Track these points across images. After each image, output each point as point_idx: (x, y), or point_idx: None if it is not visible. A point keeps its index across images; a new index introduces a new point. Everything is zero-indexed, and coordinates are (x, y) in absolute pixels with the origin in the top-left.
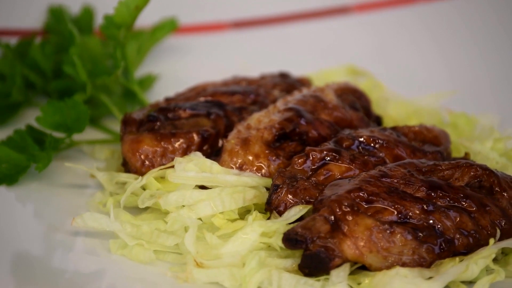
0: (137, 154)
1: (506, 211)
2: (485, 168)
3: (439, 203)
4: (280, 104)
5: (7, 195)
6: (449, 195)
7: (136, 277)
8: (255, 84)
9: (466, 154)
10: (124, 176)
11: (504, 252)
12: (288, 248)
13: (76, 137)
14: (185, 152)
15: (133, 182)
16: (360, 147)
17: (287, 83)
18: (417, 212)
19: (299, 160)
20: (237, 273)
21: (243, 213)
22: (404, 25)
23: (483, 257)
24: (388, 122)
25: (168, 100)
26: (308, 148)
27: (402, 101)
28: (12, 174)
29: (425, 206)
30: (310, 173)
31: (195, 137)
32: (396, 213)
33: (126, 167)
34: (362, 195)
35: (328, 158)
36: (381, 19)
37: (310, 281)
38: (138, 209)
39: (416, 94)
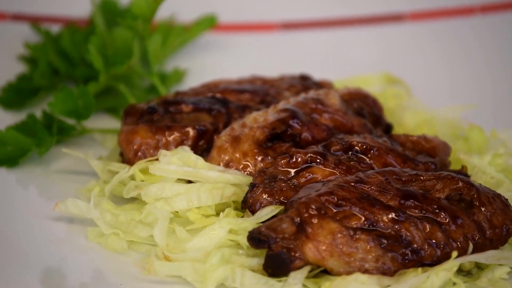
0: (131, 144)
1: (481, 226)
2: (466, 182)
3: (411, 213)
4: (280, 105)
5: (6, 177)
6: (422, 205)
7: (105, 267)
8: (270, 84)
9: (463, 167)
10: (115, 166)
11: (479, 266)
12: (252, 246)
13: (91, 125)
14: (179, 145)
15: (120, 172)
16: (349, 153)
17: (304, 85)
18: (386, 220)
19: (282, 161)
20: (200, 268)
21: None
22: (458, 36)
23: (444, 269)
24: (398, 131)
25: (178, 93)
26: (293, 149)
27: (421, 110)
28: (15, 157)
29: (394, 215)
30: (292, 174)
31: (191, 131)
32: (363, 219)
33: (122, 157)
34: (332, 199)
35: (313, 161)
36: (434, 29)
37: (272, 281)
38: (127, 199)
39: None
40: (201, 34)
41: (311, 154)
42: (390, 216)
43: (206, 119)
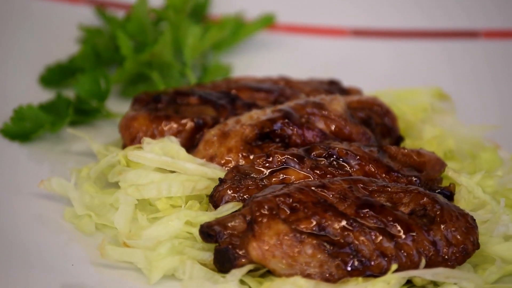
0: (128, 130)
1: (437, 243)
2: (432, 198)
3: (365, 222)
4: (281, 106)
5: (18, 151)
6: (377, 216)
7: (69, 247)
8: (289, 86)
9: (451, 185)
10: (111, 150)
11: (436, 283)
12: (203, 240)
13: (120, 110)
14: (175, 135)
15: (109, 156)
16: (331, 159)
17: (327, 90)
18: (336, 227)
19: (258, 160)
20: (150, 257)
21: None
22: None
23: (383, 281)
24: (413, 143)
25: (197, 85)
26: (272, 149)
27: (442, 126)
28: (29, 133)
29: (346, 223)
30: (266, 174)
31: (189, 123)
32: (314, 224)
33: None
34: (288, 201)
35: (289, 163)
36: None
37: (217, 276)
38: (114, 184)
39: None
40: (258, 32)
41: (288, 156)
42: (341, 223)
43: (210, 112)
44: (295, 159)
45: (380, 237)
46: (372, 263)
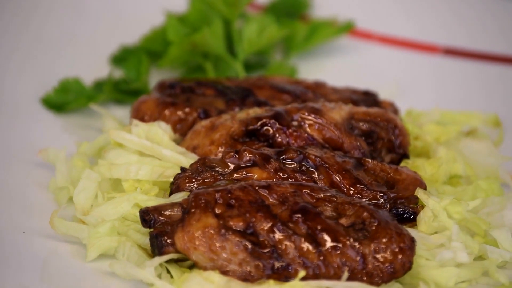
0: (136, 112)
1: (364, 258)
2: (372, 213)
3: (296, 228)
4: (277, 107)
5: (52, 120)
6: (308, 224)
7: (33, 216)
8: (320, 92)
9: (419, 206)
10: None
11: None
12: (141, 224)
13: None
14: (177, 123)
15: (104, 134)
16: (302, 163)
17: (354, 100)
18: (265, 229)
19: (227, 155)
20: (90, 234)
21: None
22: None
23: (290, 286)
24: (416, 162)
25: (227, 78)
26: (243, 147)
27: (461, 152)
28: (65, 104)
29: (274, 226)
30: (230, 169)
31: (192, 113)
32: (244, 223)
33: None
34: (226, 197)
35: (255, 162)
36: None
37: (149, 262)
38: None
39: None
40: (339, 37)
41: (256, 155)
42: (269, 225)
43: (220, 105)
44: (262, 158)
45: (305, 244)
46: (291, 268)
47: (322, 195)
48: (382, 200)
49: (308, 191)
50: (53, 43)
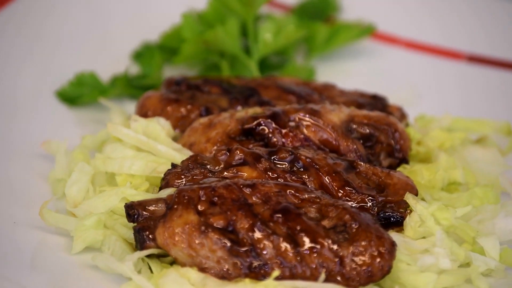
0: (139, 107)
1: (342, 260)
2: (353, 216)
3: (275, 228)
4: (276, 107)
5: (65, 113)
6: (288, 224)
7: (27, 205)
8: (327, 94)
9: (407, 211)
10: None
11: None
12: (126, 218)
13: None
14: (179, 119)
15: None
16: (293, 164)
17: (360, 103)
18: (245, 227)
19: (219, 153)
20: (76, 227)
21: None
22: None
23: (263, 285)
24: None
25: (236, 77)
26: (236, 145)
27: (463, 159)
28: (77, 97)
29: (254, 224)
30: (221, 167)
31: (194, 110)
32: (225, 221)
33: None
34: (210, 194)
35: (246, 161)
36: None
37: (128, 256)
38: None
39: None
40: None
41: (247, 154)
42: (249, 224)
43: (223, 103)
44: (252, 157)
45: (284, 244)
46: (268, 267)
47: (306, 196)
48: (370, 203)
49: (293, 192)
50: (77, 38)
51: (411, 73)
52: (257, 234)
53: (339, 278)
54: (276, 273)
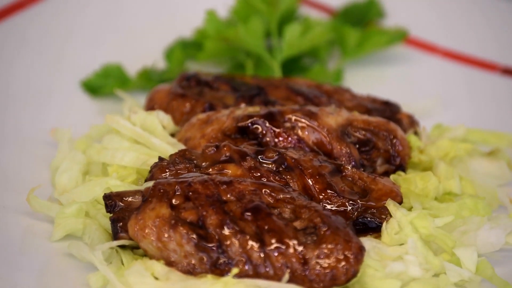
0: (149, 101)
1: (306, 262)
2: (323, 218)
3: (245, 226)
4: (274, 107)
5: (88, 103)
6: (257, 223)
7: (18, 191)
8: (336, 97)
9: (386, 217)
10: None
11: None
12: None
13: None
14: (183, 114)
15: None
16: (279, 164)
17: (368, 109)
18: (213, 223)
19: (207, 149)
20: (57, 214)
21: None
22: None
23: (222, 282)
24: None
25: (253, 76)
26: (225, 142)
27: (464, 170)
28: (99, 87)
29: (223, 222)
30: (207, 163)
31: (199, 106)
32: (196, 216)
33: None
34: (186, 188)
35: (232, 158)
36: None
37: (100, 246)
38: None
39: None
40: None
41: (234, 151)
42: (219, 220)
43: (229, 101)
44: (239, 155)
45: (251, 242)
46: (233, 264)
47: (281, 196)
48: (350, 207)
49: (268, 191)
50: (118, 32)
51: (442, 82)
52: (225, 231)
53: (302, 280)
54: (235, 270)
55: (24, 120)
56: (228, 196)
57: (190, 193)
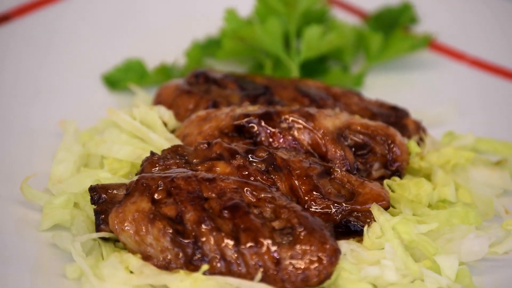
0: (157, 97)
1: (279, 262)
2: (300, 219)
3: (222, 223)
4: (273, 107)
5: (105, 96)
6: (234, 221)
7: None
8: (343, 100)
9: (369, 221)
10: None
11: None
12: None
13: None
14: (187, 111)
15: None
16: (269, 163)
17: (373, 113)
18: (191, 219)
19: (200, 146)
20: (45, 205)
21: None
22: None
23: (192, 278)
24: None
25: (267, 76)
26: (217, 139)
27: (462, 179)
28: (118, 81)
29: (200, 218)
30: (199, 160)
31: (203, 103)
32: (175, 211)
33: None
34: (168, 183)
35: (222, 156)
36: None
37: (79, 237)
38: None
39: None
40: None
41: (225, 149)
42: (196, 217)
43: (235, 100)
44: (229, 153)
45: (225, 240)
46: (207, 261)
47: (263, 195)
48: (334, 210)
49: (250, 190)
50: (143, 28)
51: (465, 90)
52: (202, 228)
53: (275, 280)
54: (205, 267)
55: (34, 113)
56: (209, 193)
57: (172, 189)
